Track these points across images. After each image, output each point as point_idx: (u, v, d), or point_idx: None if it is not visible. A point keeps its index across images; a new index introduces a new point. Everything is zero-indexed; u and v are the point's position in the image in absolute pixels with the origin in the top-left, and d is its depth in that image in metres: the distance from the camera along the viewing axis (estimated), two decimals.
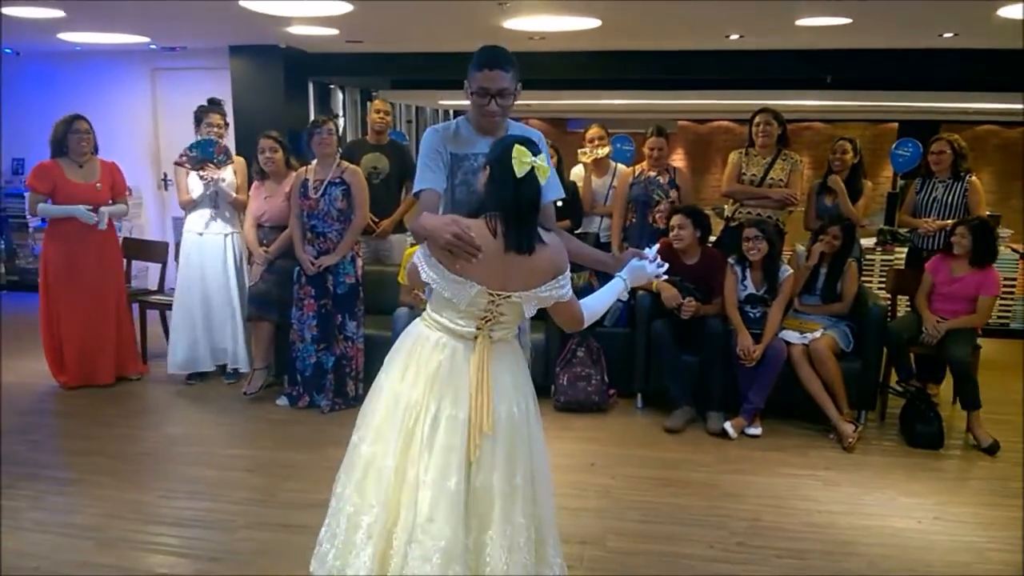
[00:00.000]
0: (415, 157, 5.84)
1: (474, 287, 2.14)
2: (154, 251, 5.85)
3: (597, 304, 2.40)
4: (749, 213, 4.88)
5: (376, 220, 5.12)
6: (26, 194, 7.25)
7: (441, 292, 2.18)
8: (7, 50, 7.23)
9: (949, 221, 4.70)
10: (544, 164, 2.14)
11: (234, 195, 4.96)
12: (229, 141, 6.68)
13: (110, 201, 4.91)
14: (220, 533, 3.22)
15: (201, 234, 4.96)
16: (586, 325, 2.40)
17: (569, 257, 2.30)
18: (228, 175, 4.95)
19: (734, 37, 6.08)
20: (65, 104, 5.48)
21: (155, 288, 5.76)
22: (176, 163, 4.92)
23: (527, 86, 8.54)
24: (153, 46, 6.96)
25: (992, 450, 4.12)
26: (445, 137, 2.63)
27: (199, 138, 4.92)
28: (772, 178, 4.85)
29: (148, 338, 5.51)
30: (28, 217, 7.51)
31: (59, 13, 5.14)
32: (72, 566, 2.96)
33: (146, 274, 6.72)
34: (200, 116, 5.00)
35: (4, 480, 3.67)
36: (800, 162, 4.95)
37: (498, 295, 2.17)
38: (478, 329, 2.22)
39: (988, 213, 7.34)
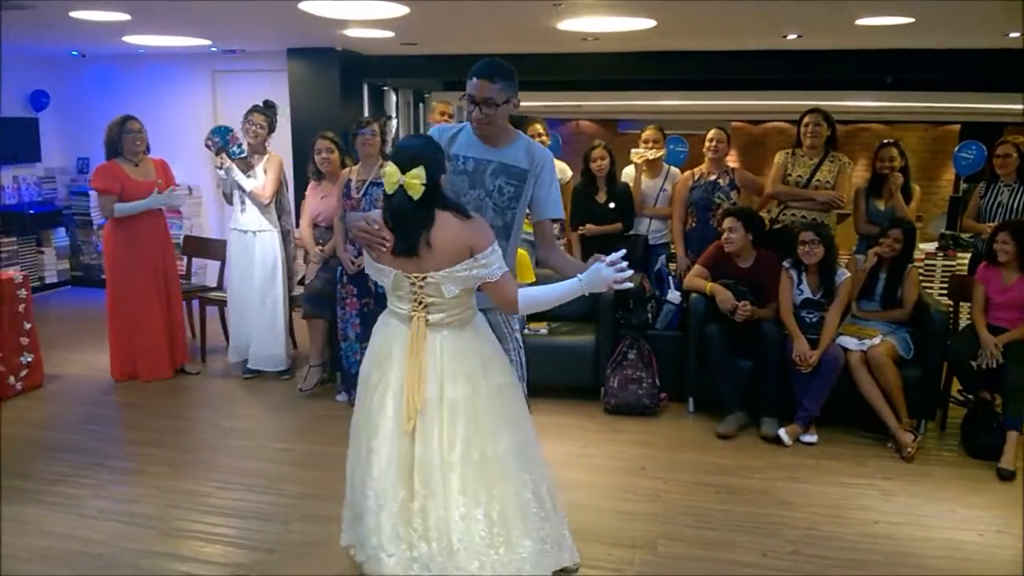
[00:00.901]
0: None
1: (391, 272, 2.47)
2: (213, 249, 6.00)
3: (541, 294, 2.52)
4: (794, 215, 4.81)
5: None
6: (92, 194, 7.60)
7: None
8: (73, 52, 7.47)
9: None
10: (414, 181, 2.33)
11: (246, 183, 4.99)
12: (284, 142, 6.85)
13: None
14: (275, 525, 3.29)
15: (234, 229, 5.15)
16: (524, 312, 2.55)
17: (553, 268, 2.73)
18: (257, 175, 5.04)
19: (792, 37, 5.98)
20: (128, 105, 5.65)
21: (214, 285, 5.89)
22: (206, 145, 5.04)
23: (578, 87, 8.60)
24: (214, 49, 7.12)
25: (1002, 475, 3.87)
26: (444, 137, 2.80)
27: (219, 125, 5.07)
28: (819, 179, 4.76)
29: (208, 333, 5.64)
30: (92, 214, 7.76)
31: (125, 16, 5.29)
32: (133, 554, 3.06)
33: (205, 271, 6.88)
34: (248, 114, 5.10)
35: (70, 468, 3.81)
36: (848, 164, 4.84)
37: (416, 277, 2.43)
38: (413, 311, 2.49)
39: None
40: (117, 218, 4.91)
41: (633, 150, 5.31)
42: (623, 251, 2.46)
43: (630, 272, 2.43)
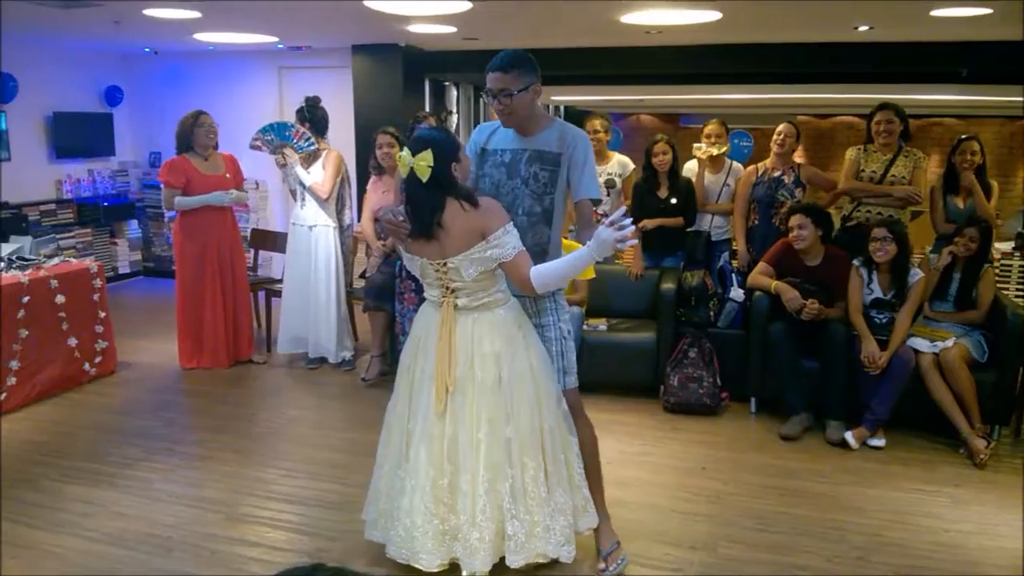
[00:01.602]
0: None
1: (419, 260, 2.67)
2: (278, 242, 6.12)
3: (553, 268, 2.60)
4: (868, 212, 4.68)
5: None
6: (163, 189, 7.84)
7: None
8: (146, 49, 7.70)
9: None
10: (421, 163, 2.52)
11: (306, 176, 5.07)
12: (347, 137, 6.95)
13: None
14: (339, 513, 3.34)
15: (295, 224, 5.23)
16: (540, 289, 2.61)
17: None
18: (316, 172, 5.11)
19: (863, 29, 5.81)
20: (198, 101, 5.82)
21: (279, 277, 6.02)
22: (251, 147, 5.11)
23: (639, 81, 8.48)
24: (280, 46, 7.26)
25: None
26: (484, 134, 2.90)
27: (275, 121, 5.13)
28: (894, 175, 4.63)
29: (273, 325, 5.77)
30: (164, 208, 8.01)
31: (196, 14, 5.43)
32: (200, 537, 3.15)
33: (270, 263, 7.04)
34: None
35: (141, 453, 3.94)
36: (924, 159, 4.70)
37: (438, 264, 2.62)
38: (443, 297, 2.68)
39: None
40: (185, 211, 5.05)
41: (696, 145, 5.24)
42: (623, 208, 2.52)
43: (631, 229, 2.45)
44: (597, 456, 2.96)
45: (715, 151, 5.16)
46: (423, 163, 2.54)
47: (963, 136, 4.74)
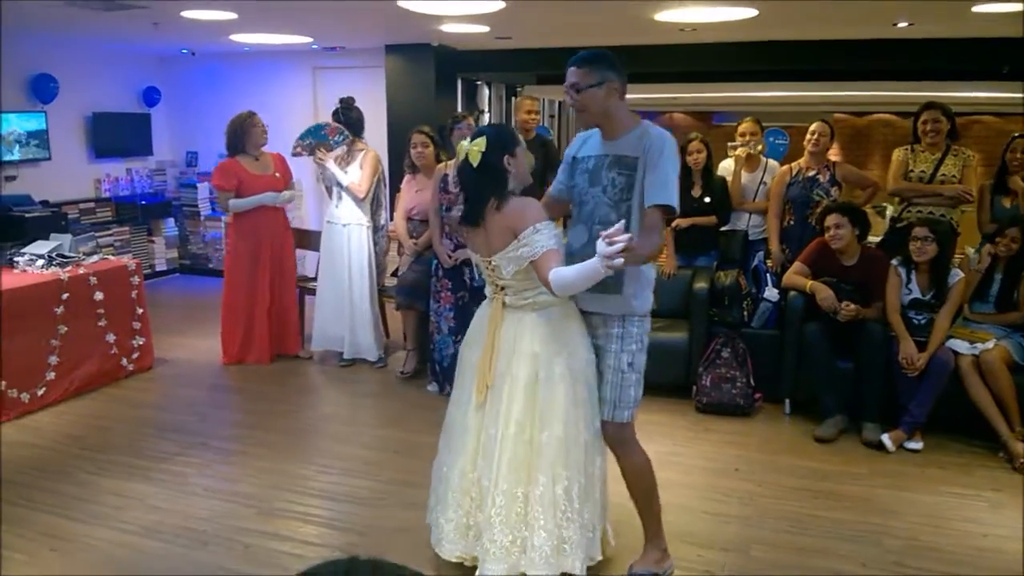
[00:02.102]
0: (561, 153, 5.90)
1: (472, 255, 2.83)
2: (312, 240, 6.17)
3: (569, 274, 2.48)
4: (920, 212, 4.59)
5: None
6: (203, 186, 7.96)
7: None
8: (183, 50, 7.82)
9: None
10: (474, 148, 2.62)
11: (343, 176, 5.08)
12: (380, 136, 6.99)
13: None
14: (369, 509, 3.37)
15: (330, 222, 5.25)
16: (560, 292, 2.55)
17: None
18: (353, 174, 5.11)
19: (902, 25, 5.71)
20: (235, 101, 5.89)
21: (313, 276, 6.07)
22: (294, 154, 5.15)
23: (672, 79, 8.40)
24: (314, 46, 7.33)
25: None
26: (580, 142, 2.87)
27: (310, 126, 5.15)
28: (943, 174, 4.55)
29: (305, 321, 5.83)
30: (199, 206, 8.13)
31: (232, 15, 5.50)
32: (233, 530, 3.19)
33: (304, 261, 7.10)
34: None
35: (176, 448, 4.00)
36: (972, 157, 4.60)
37: (487, 262, 2.72)
38: (494, 294, 2.77)
39: None
40: (240, 216, 5.16)
41: (730, 144, 5.18)
42: (621, 223, 2.33)
43: (620, 246, 2.25)
44: (653, 487, 2.86)
45: (751, 150, 5.10)
46: (476, 149, 2.63)
47: (1017, 134, 4.63)
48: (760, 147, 5.15)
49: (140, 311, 5.11)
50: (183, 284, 8.13)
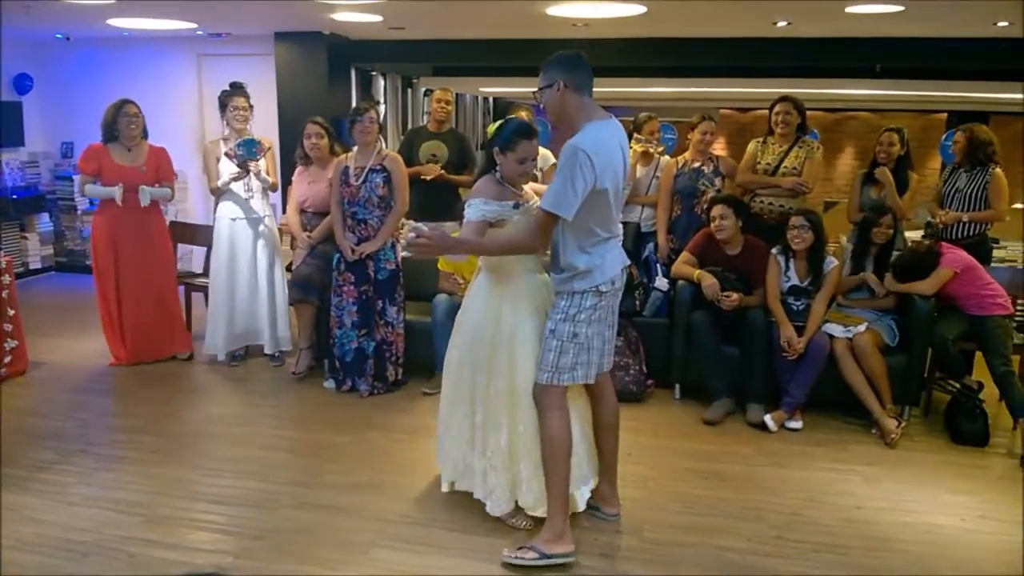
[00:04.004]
0: (473, 147, 5.87)
1: None
2: (199, 235, 5.96)
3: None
4: (762, 203, 4.85)
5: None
6: (75, 176, 7.52)
7: None
8: (58, 35, 7.38)
9: (964, 215, 4.65)
10: (491, 126, 2.93)
11: (271, 181, 5.04)
12: (271, 126, 6.81)
13: (156, 184, 4.97)
14: (263, 512, 3.28)
15: (234, 219, 5.01)
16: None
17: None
18: (259, 164, 4.98)
19: (782, 24, 5.98)
20: (113, 89, 5.59)
21: (200, 271, 5.86)
22: (227, 154, 4.91)
23: None
24: (199, 32, 7.06)
25: None
26: None
27: (245, 138, 4.90)
28: (786, 166, 4.80)
29: (193, 319, 5.62)
30: (76, 199, 7.70)
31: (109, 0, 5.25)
32: (118, 540, 3.05)
33: (191, 257, 6.84)
34: (224, 101, 4.98)
35: (55, 455, 3.79)
36: (817, 149, 4.87)
37: None
38: None
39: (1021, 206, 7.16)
40: (105, 202, 4.88)
41: (636, 137, 5.25)
42: (419, 225, 2.77)
43: (412, 235, 2.71)
44: (556, 462, 2.98)
45: (653, 149, 5.23)
46: (490, 129, 3.02)
47: (887, 127, 4.92)
48: (661, 148, 5.29)
49: (12, 312, 4.79)
50: (59, 283, 7.69)
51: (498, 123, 3.17)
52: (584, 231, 2.85)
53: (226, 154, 4.92)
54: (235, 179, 4.91)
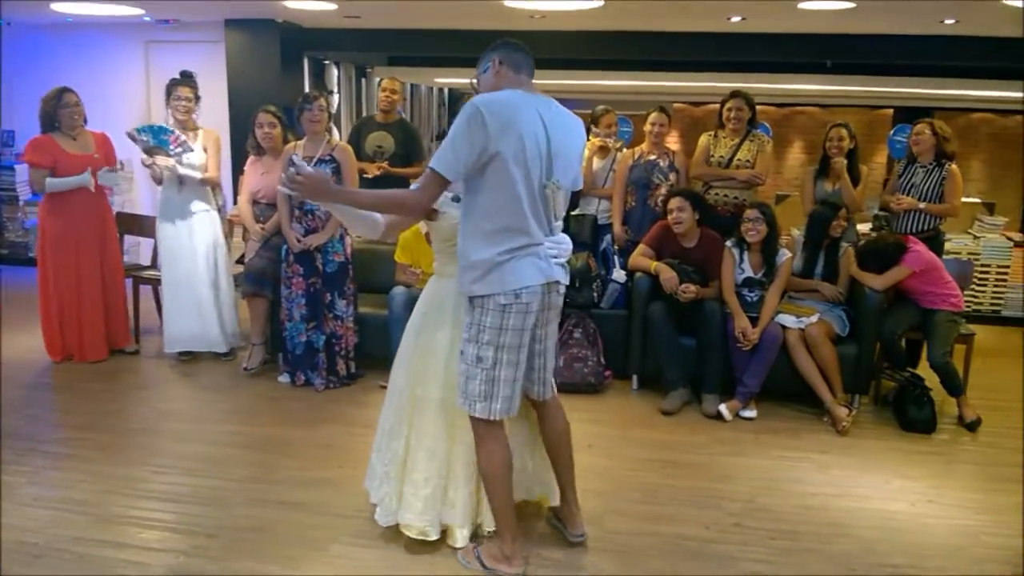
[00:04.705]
0: (423, 138, 5.74)
1: None
2: (146, 226, 5.78)
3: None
4: (717, 195, 4.93)
5: None
6: (21, 168, 7.26)
7: None
8: None
9: (921, 204, 4.75)
10: None
11: (200, 176, 4.86)
12: (221, 116, 6.66)
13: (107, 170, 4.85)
14: (216, 509, 3.21)
15: (171, 212, 4.88)
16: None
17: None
18: (195, 157, 4.83)
19: (736, 19, 6.05)
20: (57, 77, 5.40)
21: (147, 263, 5.71)
22: (127, 134, 4.76)
23: None
24: (147, 18, 6.86)
25: (973, 427, 4.23)
26: None
27: (161, 123, 4.76)
28: (739, 159, 4.89)
29: (141, 313, 5.47)
30: (18, 190, 7.43)
31: None
32: (67, 541, 2.95)
33: (138, 248, 6.66)
34: (170, 89, 4.84)
35: (10, 455, 3.65)
36: (767, 142, 5.00)
37: None
38: None
39: (983, 201, 7.39)
40: (54, 195, 4.72)
41: (595, 131, 5.25)
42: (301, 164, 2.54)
43: (292, 171, 2.49)
44: (493, 486, 2.77)
45: (610, 144, 5.24)
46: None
47: (835, 123, 5.01)
48: (619, 144, 5.31)
49: None
50: (1, 276, 7.43)
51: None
52: (488, 215, 2.52)
53: (127, 134, 4.76)
54: (147, 165, 4.78)
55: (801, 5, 5.30)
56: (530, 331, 2.63)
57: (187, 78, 4.90)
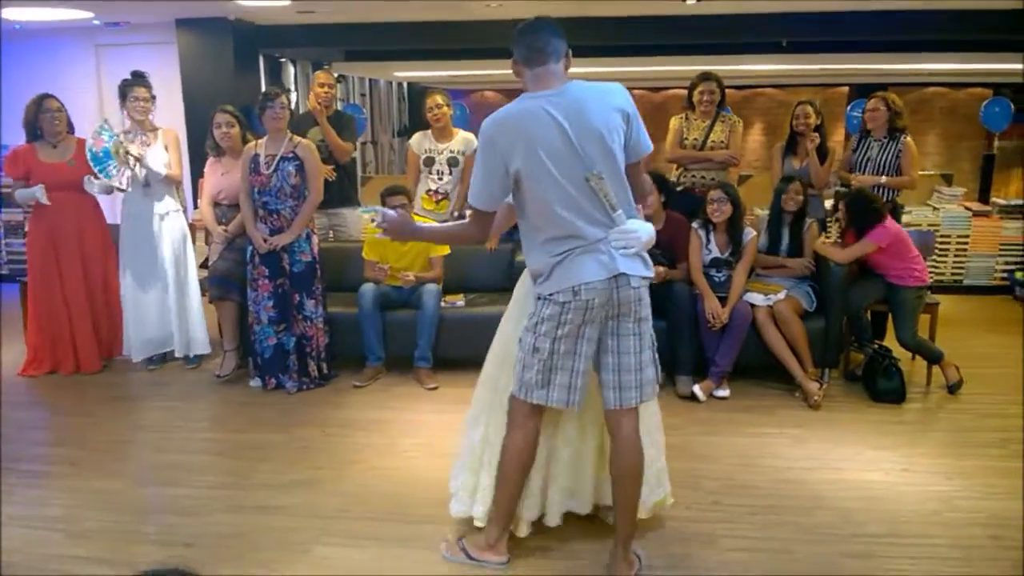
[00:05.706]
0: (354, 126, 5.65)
1: None
2: (112, 233, 5.66)
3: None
4: (694, 176, 4.98)
5: None
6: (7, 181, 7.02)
7: None
8: None
9: (883, 178, 4.82)
10: None
11: (164, 173, 4.74)
12: (177, 117, 6.54)
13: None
14: (194, 518, 3.16)
15: (139, 214, 4.78)
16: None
17: None
18: (157, 154, 4.71)
19: (691, 2, 6.07)
20: (7, 84, 5.27)
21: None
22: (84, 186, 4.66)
23: (482, 55, 8.47)
24: (96, 22, 6.71)
25: (954, 389, 4.37)
26: None
27: (103, 148, 4.60)
28: (713, 140, 4.98)
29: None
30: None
31: None
32: (44, 559, 2.89)
33: None
34: (124, 91, 4.73)
35: None
36: (738, 123, 5.08)
37: None
38: None
39: (940, 173, 7.52)
40: (40, 205, 4.64)
41: None
42: (383, 210, 2.70)
43: (379, 220, 2.65)
44: (506, 475, 2.76)
45: None
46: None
47: (800, 100, 5.08)
48: None
49: None
50: None
51: None
52: (534, 229, 2.52)
53: (84, 186, 4.64)
54: (104, 187, 4.69)
55: None
56: (597, 325, 2.54)
57: (140, 78, 4.78)
